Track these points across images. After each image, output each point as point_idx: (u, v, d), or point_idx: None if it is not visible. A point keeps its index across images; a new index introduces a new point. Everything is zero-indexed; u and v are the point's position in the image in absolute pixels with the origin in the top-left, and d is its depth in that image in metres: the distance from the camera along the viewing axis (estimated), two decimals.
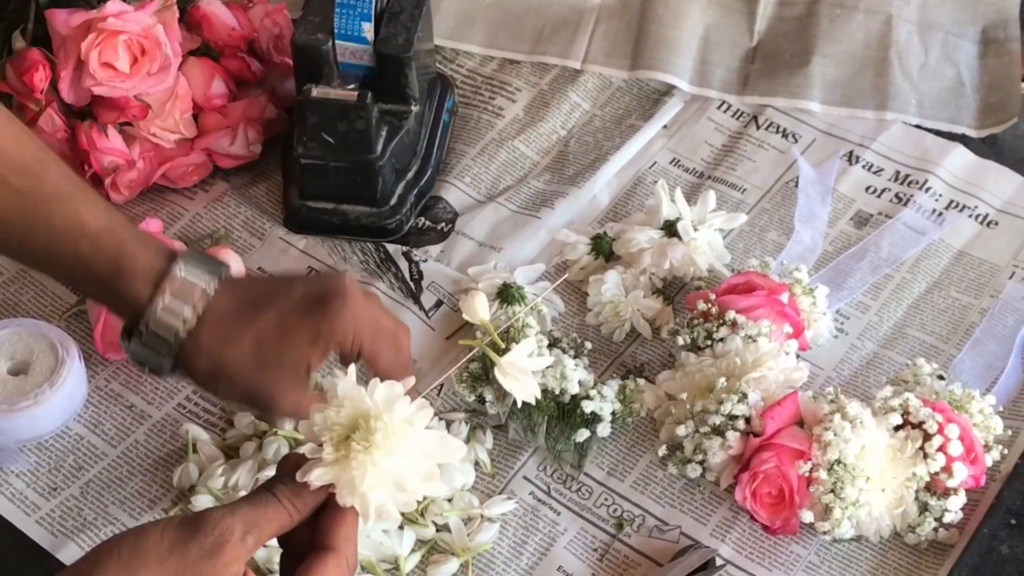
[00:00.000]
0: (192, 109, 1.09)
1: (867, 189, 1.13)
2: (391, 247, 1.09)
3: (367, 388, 0.64)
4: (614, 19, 1.23)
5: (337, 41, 1.07)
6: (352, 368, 0.67)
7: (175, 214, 1.11)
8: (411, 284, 1.07)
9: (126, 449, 0.97)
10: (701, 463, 0.92)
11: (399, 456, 0.63)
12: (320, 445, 0.64)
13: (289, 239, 1.09)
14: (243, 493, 0.89)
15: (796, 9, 1.23)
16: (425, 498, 0.68)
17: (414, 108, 1.09)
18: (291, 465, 0.65)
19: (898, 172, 1.14)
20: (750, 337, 0.95)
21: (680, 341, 0.98)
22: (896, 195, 1.12)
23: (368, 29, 1.06)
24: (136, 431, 0.98)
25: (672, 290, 1.05)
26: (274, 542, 0.67)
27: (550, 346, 0.98)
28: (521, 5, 1.24)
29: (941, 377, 0.95)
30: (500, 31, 1.24)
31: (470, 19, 1.25)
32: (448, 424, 0.98)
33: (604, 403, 0.95)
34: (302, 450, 0.65)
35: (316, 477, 0.64)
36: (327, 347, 0.77)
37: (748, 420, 0.91)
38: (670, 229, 1.05)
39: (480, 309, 0.93)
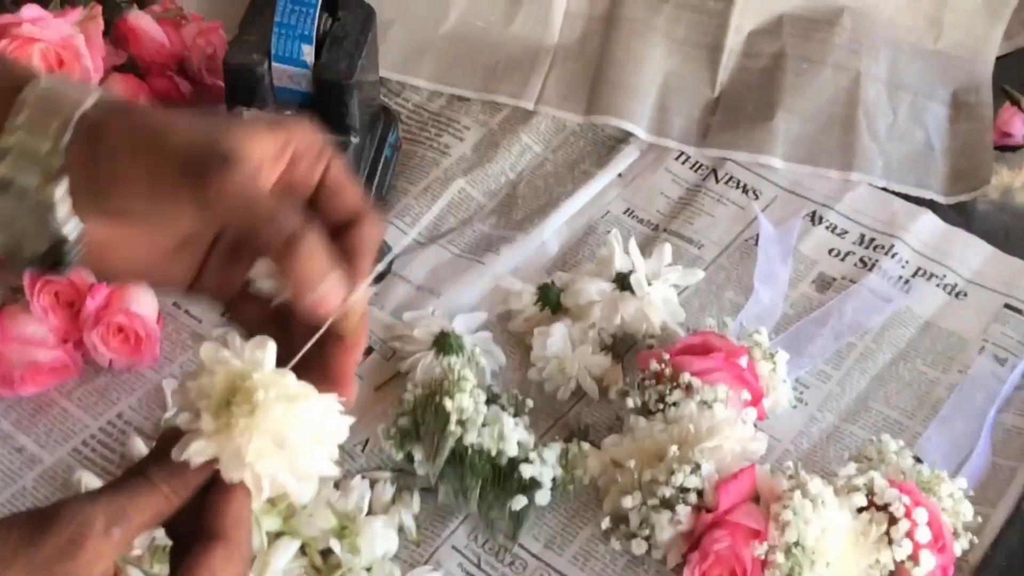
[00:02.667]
0: None
1: (830, 251, 1.07)
2: None
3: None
4: (570, 60, 1.17)
5: (274, 64, 0.99)
6: (213, 339, 0.55)
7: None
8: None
9: (11, 497, 0.87)
10: (647, 539, 0.84)
11: (285, 414, 0.52)
12: (197, 415, 0.53)
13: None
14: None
15: (761, 61, 1.17)
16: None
17: (354, 140, 1.02)
18: (166, 441, 0.53)
19: (863, 235, 1.08)
20: (705, 402, 0.88)
21: (630, 403, 0.90)
22: (861, 259, 1.06)
23: (308, 52, 0.99)
24: (24, 477, 0.88)
25: (622, 347, 0.98)
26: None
27: (488, 401, 0.90)
28: (475, 41, 1.18)
29: (918, 459, 0.88)
30: (451, 66, 1.18)
31: (420, 51, 1.18)
32: (372, 483, 0.89)
33: (544, 468, 0.87)
34: (178, 422, 0.54)
35: (195, 452, 0.53)
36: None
37: (700, 493, 0.84)
38: (622, 282, 0.97)
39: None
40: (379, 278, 1.02)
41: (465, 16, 1.18)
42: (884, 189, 1.11)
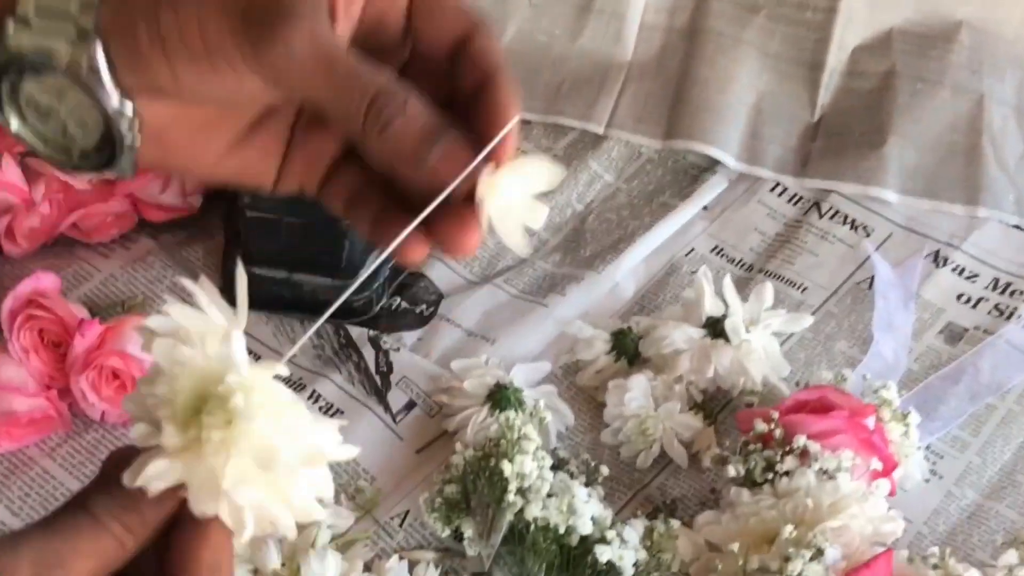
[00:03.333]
0: None
1: (959, 297, 0.90)
2: (355, 330, 0.85)
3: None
4: (647, 79, 1.02)
5: None
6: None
7: (82, 274, 0.88)
8: (376, 378, 0.83)
9: None
10: None
11: (271, 425, 0.39)
12: (156, 427, 0.39)
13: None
14: None
15: (869, 81, 1.01)
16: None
17: None
18: (116, 463, 0.40)
19: (997, 279, 0.91)
20: (826, 472, 0.71)
21: (730, 472, 0.73)
22: (996, 307, 0.89)
23: None
24: None
25: (715, 405, 0.81)
26: None
27: (554, 467, 0.74)
28: (536, 58, 1.03)
29: None
30: None
31: None
32: (412, 566, 0.72)
33: (625, 550, 0.70)
34: (133, 435, 0.39)
35: (155, 475, 0.39)
36: None
37: None
38: (715, 328, 0.81)
39: None
40: (422, 321, 0.87)
41: (526, 28, 1.03)
42: (1017, 227, 0.95)
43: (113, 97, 0.42)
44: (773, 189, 0.97)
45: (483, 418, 0.78)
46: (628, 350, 0.83)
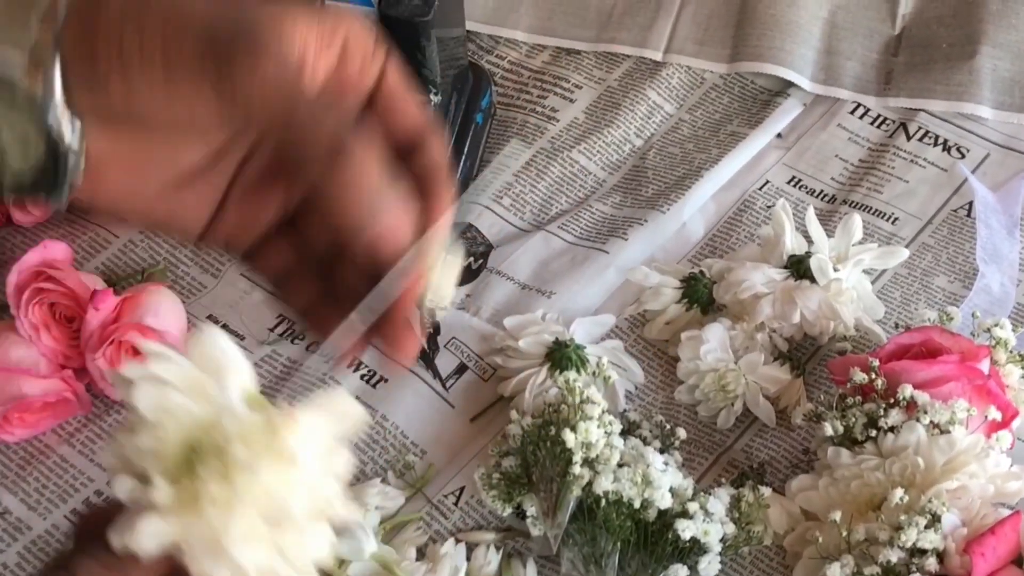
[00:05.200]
0: None
1: None
2: None
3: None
4: None
5: (327, 1, 0.77)
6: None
7: (98, 242, 0.80)
8: (422, 341, 0.74)
9: None
10: None
11: (279, 476, 0.35)
12: (144, 481, 0.35)
13: (253, 277, 0.78)
14: None
15: None
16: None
17: (434, 98, 0.79)
18: (98, 522, 0.37)
19: None
20: (938, 426, 0.62)
21: (826, 431, 0.64)
22: None
23: None
24: (6, 550, 0.66)
25: (803, 354, 0.72)
26: None
27: (624, 433, 0.66)
28: None
29: None
30: (555, 14, 0.94)
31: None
32: (470, 550, 0.65)
33: (711, 523, 0.62)
34: (116, 491, 0.36)
35: (148, 536, 0.35)
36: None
37: (941, 556, 0.58)
38: (798, 268, 0.72)
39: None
40: (471, 276, 0.79)
41: None
42: None
43: (63, 118, 0.39)
44: (854, 111, 0.88)
45: (542, 380, 0.70)
46: (701, 297, 0.74)
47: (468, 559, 0.64)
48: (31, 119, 0.39)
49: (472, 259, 0.80)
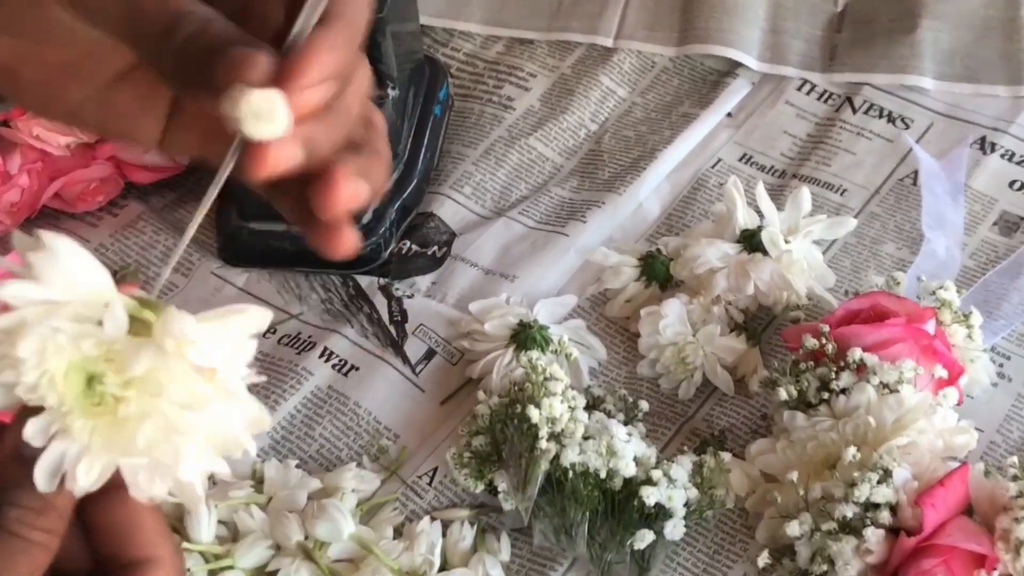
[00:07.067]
0: None
1: (1012, 184, 0.84)
2: (364, 280, 0.79)
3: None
4: None
5: None
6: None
7: None
8: (391, 329, 0.77)
9: None
10: None
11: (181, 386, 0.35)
12: (49, 409, 0.35)
13: (224, 274, 0.80)
14: None
15: None
16: None
17: (392, 93, 0.80)
18: (12, 459, 0.36)
19: None
20: (887, 385, 0.64)
21: (781, 395, 0.67)
22: None
23: None
24: None
25: (758, 325, 0.75)
26: None
27: (589, 407, 0.68)
28: None
29: None
30: (506, 5, 0.96)
31: None
32: (445, 527, 0.67)
33: (674, 489, 0.64)
34: (27, 434, 0.35)
35: (83, 474, 0.35)
36: None
37: (894, 510, 0.61)
38: (751, 242, 0.75)
39: None
40: (435, 264, 0.81)
41: None
42: None
43: None
44: (800, 88, 0.90)
45: (508, 361, 0.72)
46: (659, 274, 0.77)
47: (444, 535, 0.66)
48: None
49: (436, 247, 0.82)
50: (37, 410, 0.35)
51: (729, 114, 0.89)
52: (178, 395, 0.35)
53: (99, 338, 0.34)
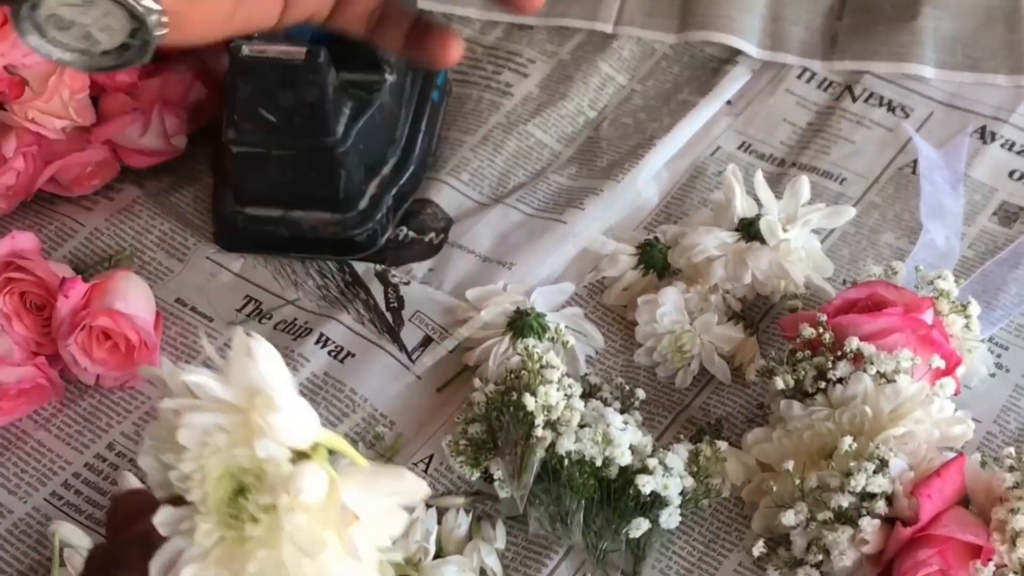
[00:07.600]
0: (89, 87, 0.80)
1: (1012, 174, 0.83)
2: (360, 266, 0.79)
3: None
4: None
5: None
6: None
7: (65, 231, 0.82)
8: (387, 315, 0.77)
9: None
10: (819, 566, 0.61)
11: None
12: (179, 500, 0.36)
13: (220, 259, 0.80)
14: None
15: None
16: None
17: (388, 77, 0.80)
18: (127, 513, 0.38)
19: None
20: (884, 375, 0.64)
21: (778, 385, 0.67)
22: None
23: None
24: None
25: (756, 314, 0.75)
26: None
27: (585, 395, 0.68)
28: None
29: None
30: None
31: None
32: (440, 514, 0.67)
33: (669, 478, 0.64)
34: (157, 522, 0.35)
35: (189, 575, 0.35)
36: None
37: (890, 500, 0.60)
38: (749, 230, 0.74)
39: None
40: (432, 251, 0.80)
41: None
42: None
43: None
44: (800, 76, 0.90)
45: (504, 349, 0.72)
46: (656, 262, 0.77)
47: (439, 523, 0.66)
48: (113, 9, 0.47)
49: (433, 234, 0.82)
50: (179, 500, 0.35)
51: (729, 102, 0.89)
52: (302, 537, 0.34)
53: (254, 452, 0.34)
